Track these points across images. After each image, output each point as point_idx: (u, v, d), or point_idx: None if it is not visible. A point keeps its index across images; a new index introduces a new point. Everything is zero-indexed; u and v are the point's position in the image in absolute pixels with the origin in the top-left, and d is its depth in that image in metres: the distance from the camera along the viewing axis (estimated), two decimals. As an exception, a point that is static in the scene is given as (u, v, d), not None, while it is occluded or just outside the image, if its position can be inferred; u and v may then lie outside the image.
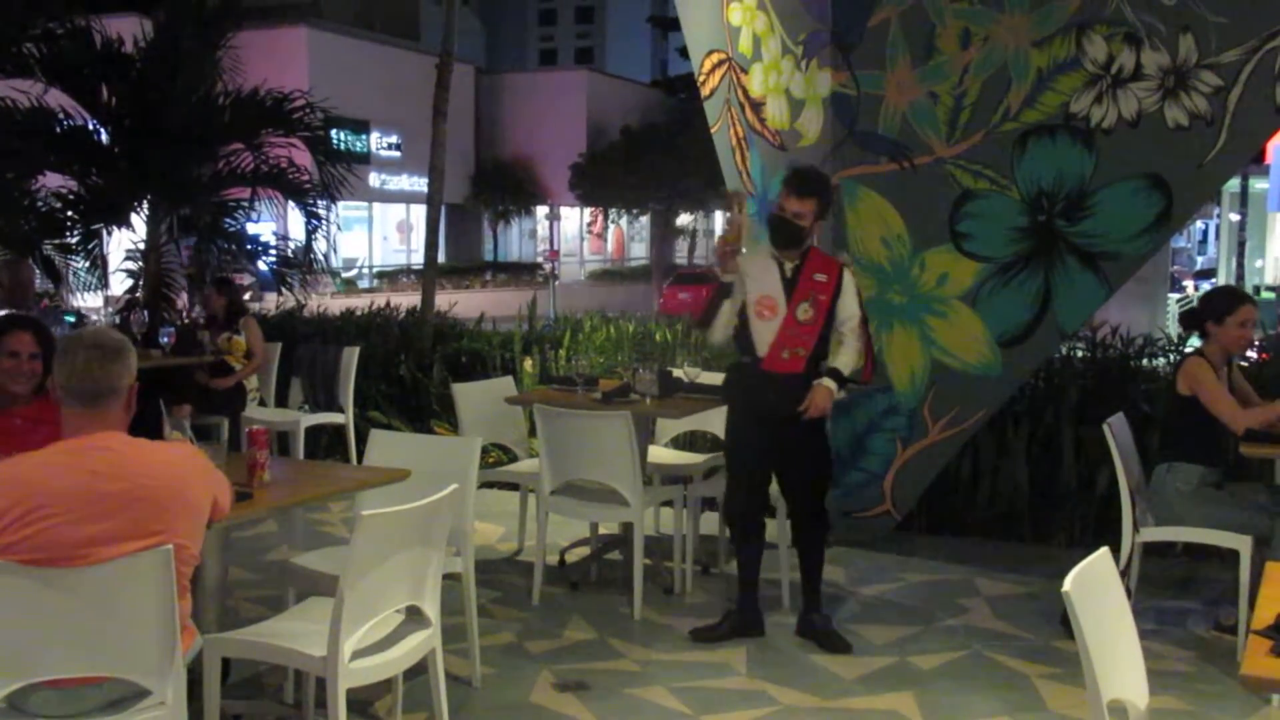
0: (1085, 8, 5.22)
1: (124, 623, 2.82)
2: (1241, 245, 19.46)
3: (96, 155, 9.52)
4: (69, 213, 9.37)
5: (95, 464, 2.82)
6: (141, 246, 9.55)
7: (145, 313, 8.28)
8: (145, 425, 3.11)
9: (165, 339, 7.57)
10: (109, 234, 9.58)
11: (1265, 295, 18.14)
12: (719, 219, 50.37)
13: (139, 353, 3.29)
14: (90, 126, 9.63)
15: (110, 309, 9.74)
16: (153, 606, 2.82)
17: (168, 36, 9.58)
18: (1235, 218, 21.50)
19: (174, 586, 2.82)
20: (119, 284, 10.05)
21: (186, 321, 8.86)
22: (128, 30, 9.72)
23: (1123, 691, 2.62)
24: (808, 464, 4.89)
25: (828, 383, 4.74)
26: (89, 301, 10.94)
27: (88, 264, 9.54)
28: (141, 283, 9.49)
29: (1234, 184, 19.69)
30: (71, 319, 10.82)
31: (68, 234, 9.42)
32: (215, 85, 9.67)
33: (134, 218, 9.54)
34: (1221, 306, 4.91)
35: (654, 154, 36.13)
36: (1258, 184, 18.93)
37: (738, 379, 4.94)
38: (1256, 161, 15.11)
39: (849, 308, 4.80)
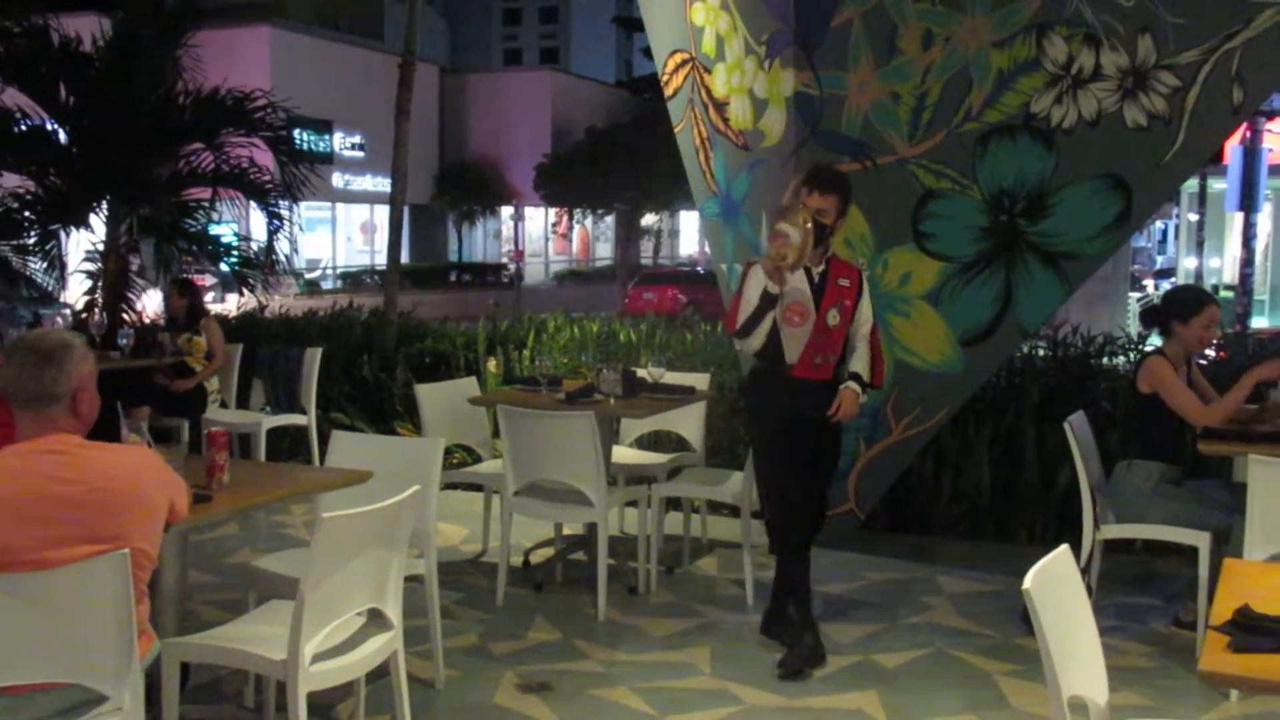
0: (1045, 9, 5.25)
1: (80, 627, 2.78)
2: (1200, 245, 19.67)
3: (54, 155, 9.43)
4: (26, 213, 9.26)
5: (46, 467, 2.79)
6: (100, 248, 9.46)
7: (104, 314, 8.20)
8: (102, 428, 3.08)
9: (124, 341, 7.49)
10: (67, 235, 9.48)
11: (1224, 295, 18.34)
12: (683, 219, 50.56)
13: (97, 354, 3.25)
14: (48, 126, 9.54)
15: (68, 310, 9.66)
16: (109, 611, 2.78)
17: (127, 35, 9.49)
18: (1194, 217, 21.74)
19: (130, 590, 2.78)
20: (77, 285, 9.96)
21: (146, 323, 8.78)
22: (86, 29, 9.64)
23: (1083, 688, 2.64)
24: (824, 469, 4.89)
25: (854, 386, 4.71)
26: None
27: (45, 265, 9.43)
28: (100, 284, 9.39)
29: (1193, 184, 19.87)
30: (28, 319, 10.70)
31: (25, 235, 9.32)
32: (175, 85, 9.59)
33: (93, 218, 9.44)
34: (1189, 307, 4.93)
35: (619, 154, 36.12)
36: (1216, 184, 19.13)
37: (766, 387, 4.78)
38: (1215, 162, 15.25)
39: (865, 314, 4.78)
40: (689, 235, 53.33)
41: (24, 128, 9.33)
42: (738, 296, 4.73)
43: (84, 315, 8.33)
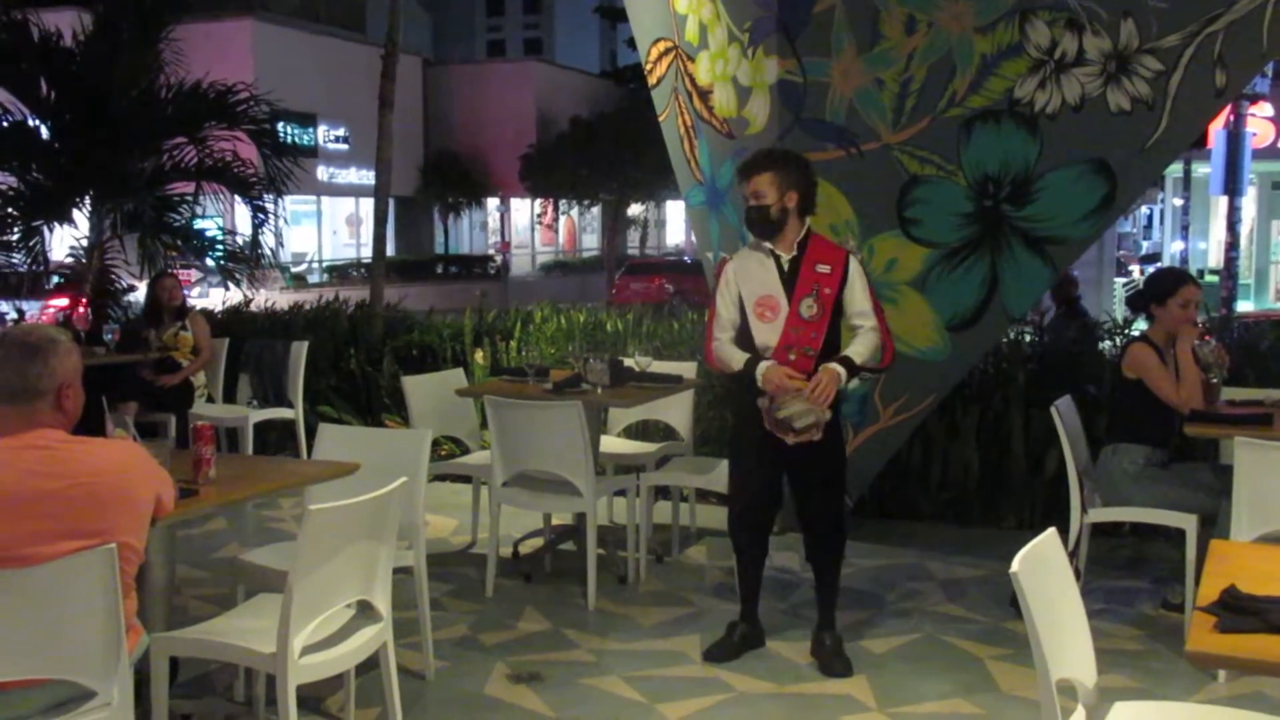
0: (1028, -7, 5.25)
1: (67, 623, 2.77)
2: (1185, 229, 19.73)
3: (37, 151, 9.40)
4: (9, 209, 9.23)
5: (30, 462, 2.77)
6: (84, 243, 9.43)
7: (88, 309, 8.17)
8: (87, 424, 3.06)
9: (109, 336, 7.46)
10: (50, 230, 9.44)
11: (1209, 279, 18.39)
12: (669, 209, 50.54)
13: (82, 350, 3.24)
14: (30, 122, 9.50)
15: (52, 306, 9.63)
16: (96, 606, 2.77)
17: (107, 29, 9.45)
18: (1179, 202, 21.80)
19: (118, 585, 2.77)
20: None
21: (131, 318, 8.76)
22: (66, 23, 9.60)
23: (1071, 670, 2.65)
24: (817, 469, 4.50)
25: (836, 367, 4.32)
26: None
27: (29, 261, 9.40)
28: (85, 280, 9.36)
29: (1177, 168, 19.93)
30: (12, 315, 10.66)
31: (8, 231, 9.28)
32: (157, 78, 9.57)
33: (76, 214, 9.41)
34: (1163, 287, 4.99)
35: (604, 144, 36.04)
36: (1200, 168, 19.19)
37: (741, 383, 4.57)
38: (1198, 146, 15.29)
39: (858, 302, 4.44)
40: (675, 225, 53.28)
41: (5, 123, 9.30)
42: (713, 304, 4.63)
43: (69, 311, 8.30)
